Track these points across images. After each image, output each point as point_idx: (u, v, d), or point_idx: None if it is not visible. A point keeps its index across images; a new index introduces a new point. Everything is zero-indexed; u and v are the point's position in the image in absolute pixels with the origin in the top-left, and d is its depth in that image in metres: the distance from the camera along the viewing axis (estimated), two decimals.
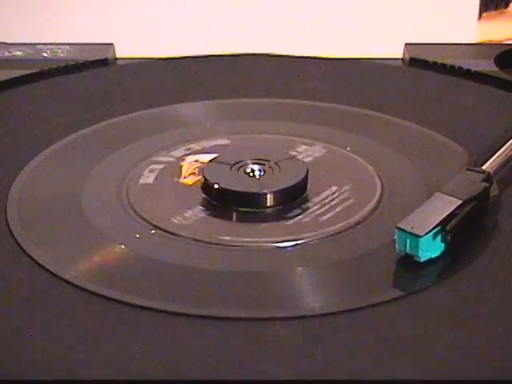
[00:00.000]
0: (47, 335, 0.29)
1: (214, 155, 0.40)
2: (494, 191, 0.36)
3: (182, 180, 0.39)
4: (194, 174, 0.39)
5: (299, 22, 0.65)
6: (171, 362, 0.28)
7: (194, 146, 0.43)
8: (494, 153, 0.38)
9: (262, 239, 0.35)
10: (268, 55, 0.55)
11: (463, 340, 0.29)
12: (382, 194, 0.38)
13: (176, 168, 0.40)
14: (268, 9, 0.65)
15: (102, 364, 0.28)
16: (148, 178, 0.40)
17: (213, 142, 0.43)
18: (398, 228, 0.32)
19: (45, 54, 0.56)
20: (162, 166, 0.41)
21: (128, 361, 0.28)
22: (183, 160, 0.41)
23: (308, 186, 0.38)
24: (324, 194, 0.38)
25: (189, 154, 0.42)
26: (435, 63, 0.54)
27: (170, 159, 0.41)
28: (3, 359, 0.28)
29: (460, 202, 0.33)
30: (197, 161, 0.41)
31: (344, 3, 0.65)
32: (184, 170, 0.40)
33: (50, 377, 0.27)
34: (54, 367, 0.28)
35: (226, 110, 0.48)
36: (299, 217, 0.37)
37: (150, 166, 0.41)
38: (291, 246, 0.35)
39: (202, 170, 0.39)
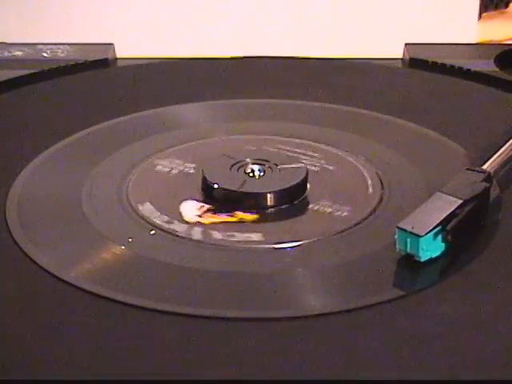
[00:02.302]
0: (47, 335, 0.29)
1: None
2: (495, 191, 0.36)
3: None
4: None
5: (299, 22, 0.65)
6: (171, 361, 0.28)
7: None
8: (495, 153, 0.38)
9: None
10: (268, 56, 0.55)
11: (463, 340, 0.29)
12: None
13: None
14: (268, 9, 0.65)
15: (102, 364, 0.28)
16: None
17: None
18: (398, 228, 0.32)
19: (45, 54, 0.56)
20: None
21: (128, 361, 0.28)
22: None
23: (308, 186, 0.38)
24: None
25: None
26: (435, 63, 0.54)
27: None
28: (3, 359, 0.28)
29: (460, 201, 0.33)
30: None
31: (344, 3, 0.65)
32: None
33: (50, 377, 0.27)
34: (55, 367, 0.28)
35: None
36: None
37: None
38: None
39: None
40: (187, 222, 0.36)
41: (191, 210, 0.36)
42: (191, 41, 0.64)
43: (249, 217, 0.36)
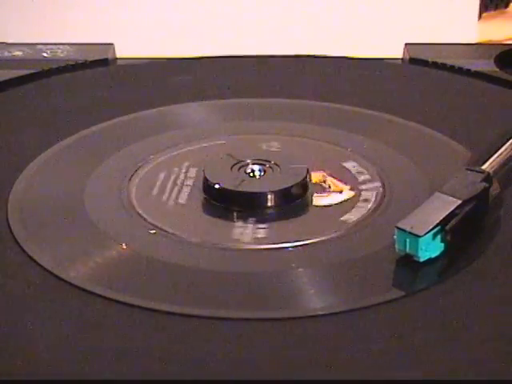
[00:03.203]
0: (47, 335, 0.29)
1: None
2: (495, 191, 0.36)
3: None
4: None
5: (299, 22, 0.65)
6: (171, 361, 0.28)
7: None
8: (494, 152, 0.38)
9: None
10: (268, 55, 0.55)
11: (463, 340, 0.29)
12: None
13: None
14: (268, 9, 0.65)
15: (102, 364, 0.28)
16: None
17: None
18: (397, 228, 0.32)
19: (45, 54, 0.56)
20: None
21: (128, 361, 0.28)
22: None
23: (308, 185, 0.38)
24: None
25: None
26: (435, 63, 0.54)
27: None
28: (3, 359, 0.28)
29: (459, 201, 0.33)
30: None
31: (344, 3, 0.65)
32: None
33: (50, 377, 0.27)
34: (54, 367, 0.28)
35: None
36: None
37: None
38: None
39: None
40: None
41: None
42: (191, 41, 0.64)
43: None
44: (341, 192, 0.38)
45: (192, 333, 0.29)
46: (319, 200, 0.38)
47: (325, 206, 0.37)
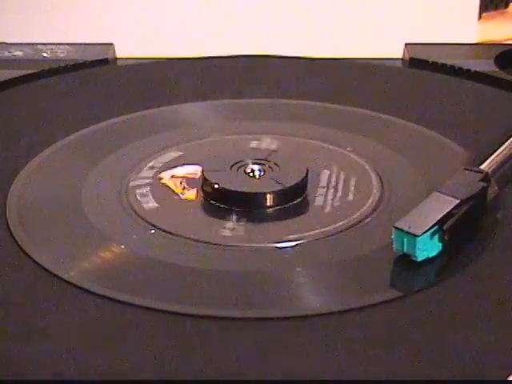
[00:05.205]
0: (47, 335, 0.29)
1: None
2: (493, 191, 0.36)
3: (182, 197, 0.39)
4: (185, 188, 0.39)
5: (299, 22, 0.65)
6: (171, 361, 0.28)
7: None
8: (493, 152, 0.38)
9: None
10: (268, 56, 0.55)
11: (462, 340, 0.29)
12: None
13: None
14: (268, 9, 0.65)
15: (101, 364, 0.28)
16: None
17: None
18: (395, 227, 0.32)
19: (45, 54, 0.56)
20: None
21: (128, 361, 0.28)
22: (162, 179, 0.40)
23: (308, 185, 0.38)
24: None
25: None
26: (435, 63, 0.54)
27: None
28: (3, 359, 0.28)
29: (457, 201, 0.33)
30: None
31: (344, 3, 0.65)
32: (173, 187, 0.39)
33: (50, 377, 0.27)
34: (54, 367, 0.28)
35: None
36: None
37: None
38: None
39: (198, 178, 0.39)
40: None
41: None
42: (191, 41, 0.64)
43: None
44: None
45: (191, 332, 0.29)
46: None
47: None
